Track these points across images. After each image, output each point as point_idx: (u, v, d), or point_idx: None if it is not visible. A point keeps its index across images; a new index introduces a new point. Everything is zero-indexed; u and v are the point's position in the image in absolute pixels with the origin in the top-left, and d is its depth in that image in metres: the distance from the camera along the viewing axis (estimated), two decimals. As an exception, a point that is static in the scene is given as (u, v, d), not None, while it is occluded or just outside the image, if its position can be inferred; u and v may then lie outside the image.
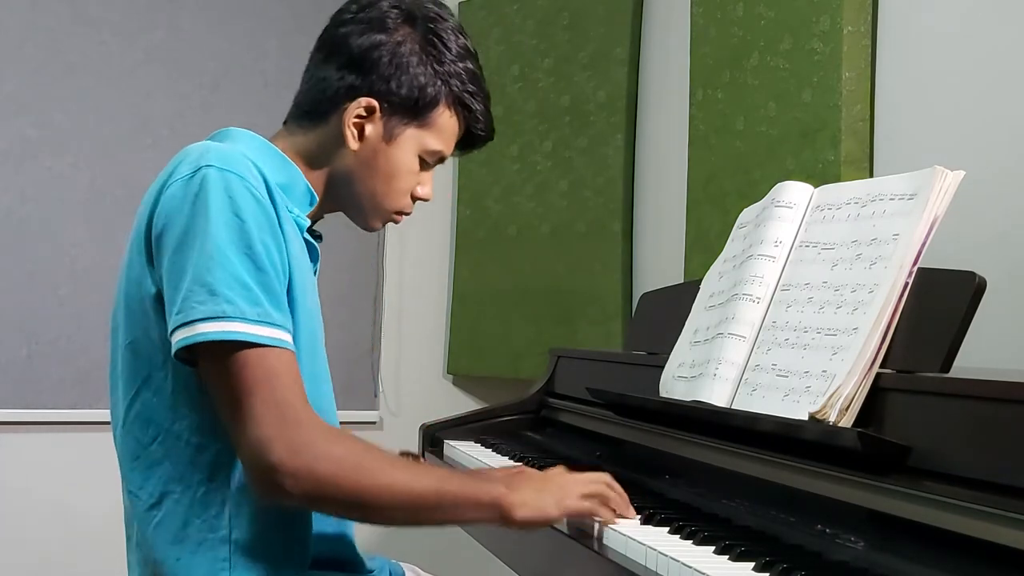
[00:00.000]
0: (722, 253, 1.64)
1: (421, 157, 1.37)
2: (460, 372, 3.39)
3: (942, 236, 1.25)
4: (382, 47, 1.32)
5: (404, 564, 1.51)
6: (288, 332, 1.17)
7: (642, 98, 2.94)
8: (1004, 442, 0.98)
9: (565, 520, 1.32)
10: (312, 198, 1.34)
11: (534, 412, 2.18)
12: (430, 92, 1.33)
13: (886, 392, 1.17)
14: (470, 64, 1.37)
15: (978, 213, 1.73)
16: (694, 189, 2.55)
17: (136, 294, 1.23)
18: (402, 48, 1.32)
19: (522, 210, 3.17)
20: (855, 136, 2.06)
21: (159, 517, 1.21)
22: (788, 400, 1.29)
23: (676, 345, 1.63)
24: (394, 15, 1.34)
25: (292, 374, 1.16)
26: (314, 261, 1.34)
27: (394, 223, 1.42)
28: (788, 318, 1.38)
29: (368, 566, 1.39)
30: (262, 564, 1.21)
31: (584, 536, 1.29)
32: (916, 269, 1.22)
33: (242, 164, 1.19)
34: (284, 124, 1.39)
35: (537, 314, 3.11)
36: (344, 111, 1.32)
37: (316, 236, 1.36)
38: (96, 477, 2.49)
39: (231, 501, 1.20)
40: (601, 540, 1.27)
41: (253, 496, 1.19)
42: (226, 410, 1.15)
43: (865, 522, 1.13)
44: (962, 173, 1.25)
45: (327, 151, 1.35)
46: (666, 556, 1.13)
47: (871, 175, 2.04)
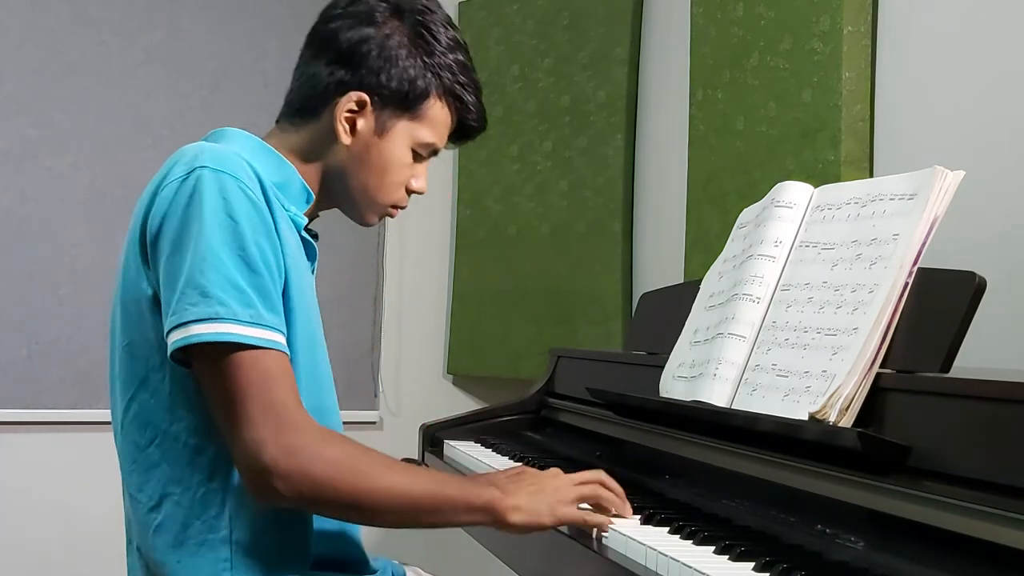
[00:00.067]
0: (722, 253, 1.64)
1: (414, 150, 1.37)
2: (460, 372, 3.39)
3: (942, 236, 1.25)
4: (371, 41, 1.32)
5: (406, 566, 1.51)
6: (282, 334, 1.17)
7: (642, 98, 2.94)
8: (1004, 442, 0.98)
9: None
10: (308, 196, 1.34)
11: (534, 412, 2.18)
12: (420, 84, 1.34)
13: (886, 392, 1.17)
14: (460, 56, 1.37)
15: (978, 213, 1.73)
16: (694, 189, 2.55)
17: (133, 296, 1.23)
18: (391, 41, 1.32)
19: (522, 210, 3.17)
20: (855, 136, 2.06)
21: (159, 519, 1.21)
22: (788, 400, 1.29)
23: (676, 345, 1.63)
24: (382, 9, 1.34)
25: (287, 376, 1.16)
26: (312, 260, 1.34)
27: (390, 216, 1.43)
28: (788, 318, 1.38)
29: (372, 566, 1.39)
30: (263, 564, 1.21)
31: (584, 536, 1.29)
32: (916, 269, 1.22)
33: (237, 165, 1.19)
34: (276, 123, 1.39)
35: (537, 314, 3.11)
36: (335, 106, 1.32)
37: (312, 235, 1.36)
38: (96, 477, 2.49)
39: (231, 501, 1.20)
40: (601, 540, 1.27)
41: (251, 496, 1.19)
42: (220, 412, 1.15)
43: (865, 522, 1.13)
44: (962, 173, 1.25)
45: (320, 147, 1.35)
46: (666, 556, 1.13)
47: (871, 175, 2.04)
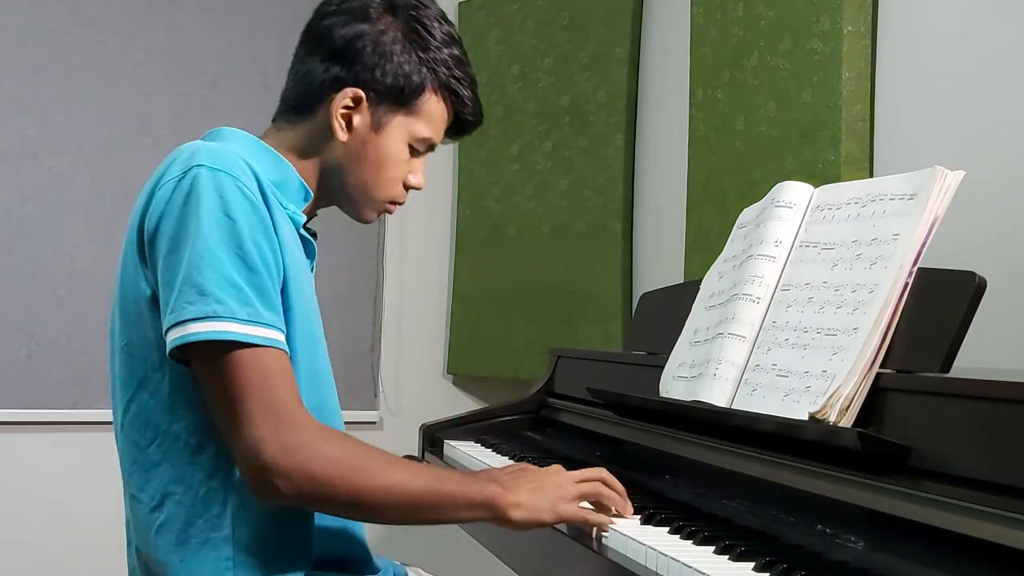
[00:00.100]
0: (722, 253, 1.64)
1: (411, 145, 1.37)
2: (460, 372, 3.39)
3: (942, 236, 1.25)
4: (365, 37, 1.32)
5: (408, 566, 1.51)
6: (281, 332, 1.17)
7: (642, 98, 2.94)
8: (1004, 442, 0.98)
9: (564, 520, 1.32)
10: (307, 193, 1.34)
11: (534, 412, 2.18)
12: (415, 79, 1.34)
13: (886, 392, 1.17)
14: (455, 50, 1.38)
15: (978, 213, 1.73)
16: (694, 189, 2.55)
17: (131, 295, 1.23)
18: (385, 37, 1.33)
19: (522, 210, 3.17)
20: (855, 136, 2.06)
21: (161, 519, 1.21)
22: (788, 400, 1.29)
23: (676, 345, 1.63)
24: (376, 5, 1.34)
25: (286, 374, 1.16)
26: (311, 258, 1.34)
27: (388, 213, 1.43)
28: (788, 318, 1.38)
29: (376, 565, 1.39)
30: (265, 563, 1.21)
31: (584, 536, 1.29)
32: (916, 269, 1.22)
33: (234, 163, 1.19)
34: (273, 121, 1.39)
35: (537, 314, 3.11)
36: (331, 103, 1.32)
37: (311, 234, 1.36)
38: (96, 477, 2.49)
39: (232, 500, 1.20)
40: (601, 540, 1.27)
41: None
42: (219, 411, 1.15)
43: (865, 522, 1.13)
44: (962, 173, 1.25)
45: (317, 144, 1.35)
46: (666, 556, 1.13)
47: (871, 175, 2.04)
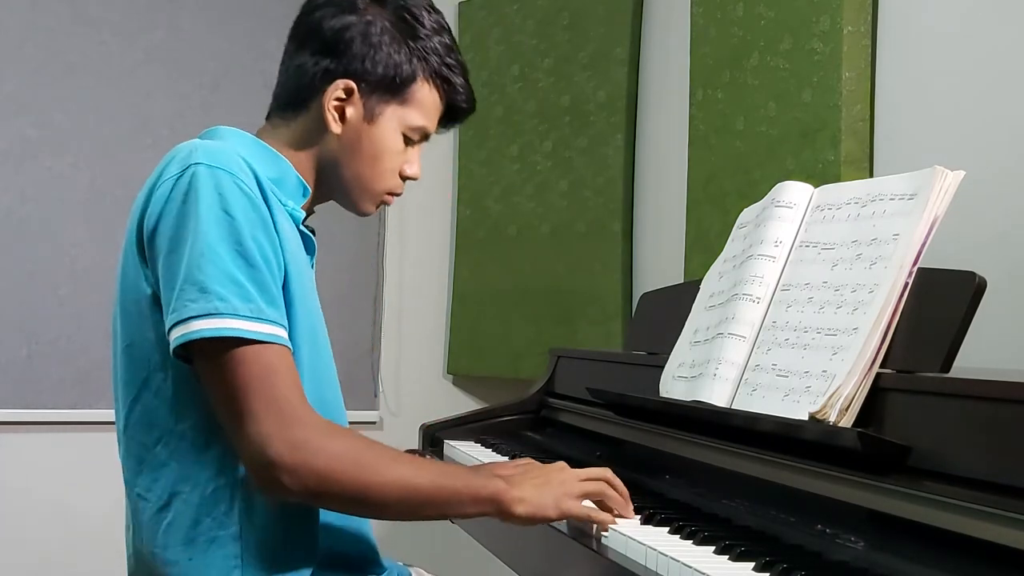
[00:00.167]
0: (722, 253, 1.64)
1: (405, 135, 1.37)
2: (460, 372, 3.39)
3: (942, 236, 1.25)
4: (353, 28, 1.32)
5: (410, 567, 1.51)
6: (283, 328, 1.17)
7: (642, 98, 2.94)
8: (1004, 442, 0.98)
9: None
10: (305, 189, 1.34)
11: (534, 412, 2.18)
12: (406, 68, 1.34)
13: (886, 392, 1.17)
14: (445, 38, 1.38)
15: (978, 213, 1.73)
16: (694, 189, 2.55)
17: (132, 295, 1.23)
18: (373, 27, 1.33)
19: (522, 210, 3.17)
20: (855, 136, 2.06)
21: (169, 518, 1.21)
22: (788, 400, 1.29)
23: (676, 345, 1.63)
24: None
25: (289, 370, 1.16)
26: (311, 254, 1.34)
27: (385, 204, 1.42)
28: (788, 318, 1.38)
29: (384, 564, 1.39)
30: (272, 560, 1.22)
31: (584, 536, 1.29)
32: (916, 269, 1.22)
33: (232, 161, 1.19)
34: (267, 119, 1.40)
35: (537, 314, 3.11)
36: (323, 96, 1.32)
37: (310, 230, 1.36)
38: (96, 477, 2.49)
39: (240, 497, 1.20)
40: (601, 540, 1.27)
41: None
42: (223, 408, 1.15)
43: (865, 522, 1.13)
44: (962, 173, 1.25)
45: (311, 139, 1.35)
46: (666, 556, 1.13)
47: (871, 175, 2.04)
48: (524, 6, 3.19)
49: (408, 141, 1.38)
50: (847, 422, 1.18)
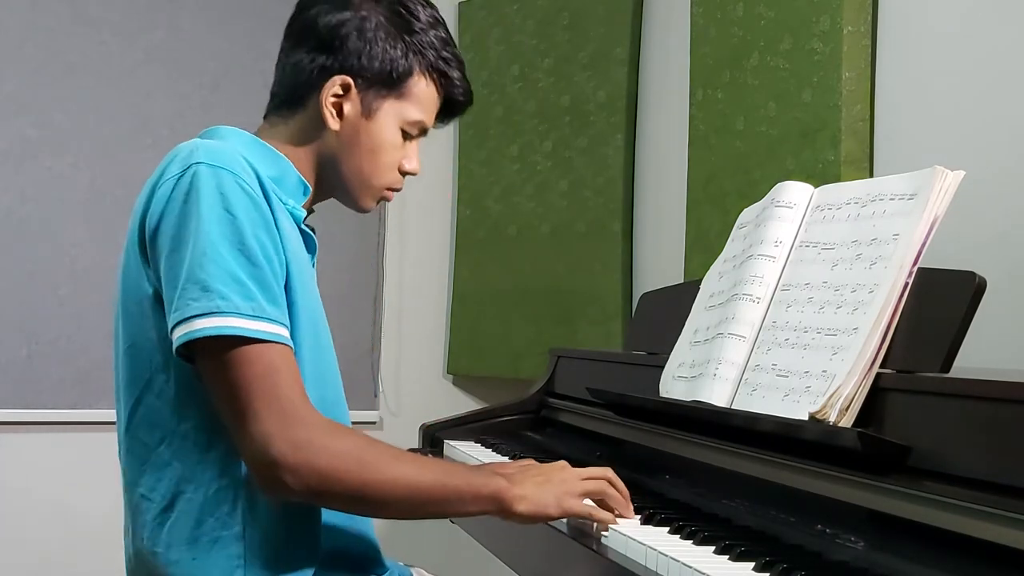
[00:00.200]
0: (722, 253, 1.64)
1: (403, 129, 1.37)
2: (460, 372, 3.39)
3: (942, 236, 1.25)
4: (348, 23, 1.32)
5: (411, 567, 1.51)
6: (285, 327, 1.17)
7: (642, 98, 2.94)
8: (1004, 442, 0.98)
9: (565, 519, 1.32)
10: (305, 188, 1.34)
11: (534, 412, 2.18)
12: (403, 63, 1.34)
13: (886, 392, 1.17)
14: (440, 32, 1.38)
15: (978, 213, 1.73)
16: (694, 189, 2.55)
17: (134, 295, 1.23)
18: (368, 23, 1.33)
19: (522, 210, 3.17)
20: (855, 136, 2.06)
21: (173, 518, 1.21)
22: (788, 400, 1.29)
23: (676, 345, 1.63)
24: None
25: (291, 370, 1.16)
26: (311, 252, 1.34)
27: (386, 200, 1.42)
28: (788, 318, 1.38)
29: (386, 564, 1.39)
30: (274, 559, 1.21)
31: (584, 536, 1.29)
32: (916, 269, 1.22)
33: (233, 160, 1.19)
34: (265, 118, 1.40)
35: (537, 314, 3.11)
36: (320, 93, 1.32)
37: (310, 229, 1.36)
38: (96, 477, 2.49)
39: (243, 497, 1.20)
40: (601, 540, 1.27)
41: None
42: (225, 407, 1.15)
43: (865, 522, 1.13)
44: (962, 173, 1.25)
45: (309, 136, 1.35)
46: (666, 556, 1.13)
47: (871, 175, 2.04)
48: (524, 6, 3.19)
49: (406, 136, 1.38)
50: (847, 422, 1.18)
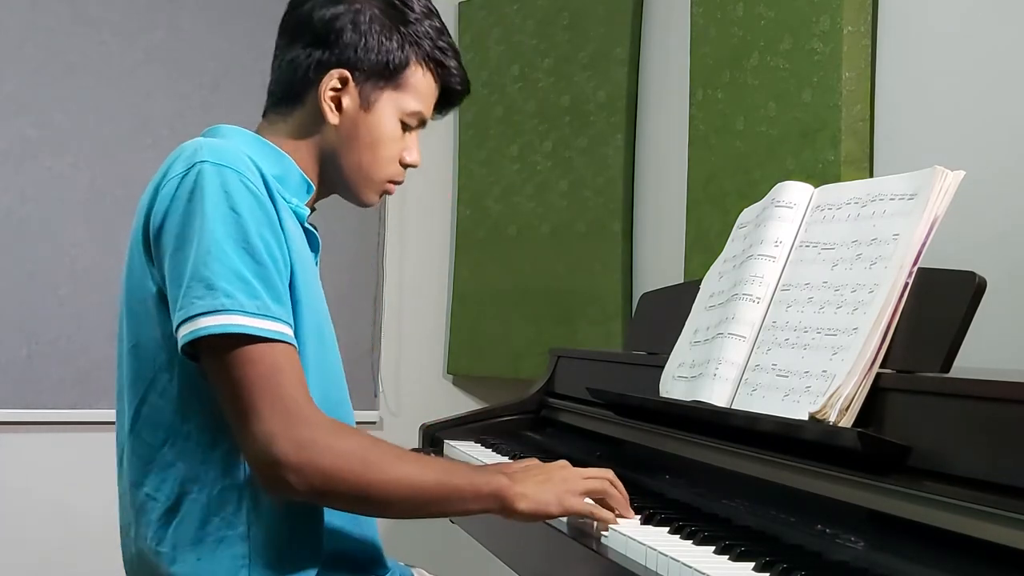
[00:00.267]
0: (722, 253, 1.64)
1: (402, 121, 1.37)
2: (460, 372, 3.39)
3: (942, 236, 1.25)
4: (343, 17, 1.32)
5: (412, 567, 1.51)
6: (289, 326, 1.17)
7: (642, 98, 2.94)
8: (1004, 442, 0.98)
9: (565, 518, 1.32)
10: (308, 186, 1.34)
11: (534, 412, 2.18)
12: (399, 54, 1.34)
13: (886, 392, 1.17)
14: (435, 22, 1.38)
15: (978, 213, 1.73)
16: (694, 189, 2.55)
17: (138, 294, 1.23)
18: (362, 15, 1.33)
19: (522, 210, 3.17)
20: (855, 136, 2.06)
21: (178, 518, 1.21)
22: (788, 400, 1.29)
23: (676, 345, 1.63)
24: None
25: (295, 369, 1.16)
26: (315, 251, 1.34)
27: (388, 194, 1.42)
28: (788, 318, 1.38)
29: (388, 565, 1.39)
30: (279, 559, 1.21)
31: (584, 536, 1.29)
32: (916, 269, 1.22)
33: (237, 159, 1.19)
34: (263, 116, 1.39)
35: (537, 314, 3.11)
36: (318, 87, 1.32)
37: (312, 227, 1.36)
38: (96, 477, 2.48)
39: (247, 497, 1.20)
40: (601, 540, 1.27)
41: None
42: (229, 406, 1.15)
43: (865, 522, 1.13)
44: (962, 173, 1.25)
45: (309, 132, 1.35)
46: (666, 556, 1.13)
47: (871, 175, 2.03)
48: (524, 6, 3.19)
49: (405, 127, 1.38)
50: (847, 422, 1.18)
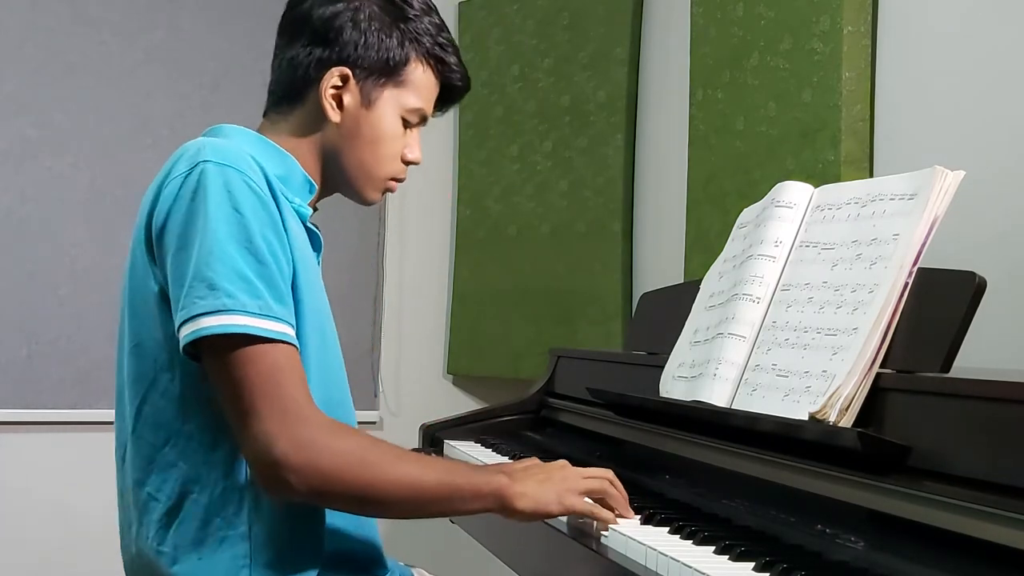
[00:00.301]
0: (722, 253, 1.64)
1: (404, 118, 1.37)
2: (460, 372, 3.39)
3: (942, 236, 1.25)
4: (342, 14, 1.33)
5: (412, 567, 1.51)
6: (291, 326, 1.17)
7: (642, 98, 2.94)
8: (1004, 442, 0.98)
9: (565, 518, 1.32)
10: (311, 186, 1.34)
11: (534, 412, 2.18)
12: (400, 51, 1.34)
13: (886, 392, 1.17)
14: (435, 18, 1.39)
15: (978, 213, 1.73)
16: (694, 189, 2.55)
17: (140, 293, 1.23)
18: (361, 13, 1.33)
19: (522, 210, 3.17)
20: (855, 136, 2.06)
21: (179, 518, 1.21)
22: (788, 400, 1.29)
23: (676, 345, 1.63)
24: None
25: (295, 369, 1.16)
26: (317, 251, 1.34)
27: (390, 192, 1.42)
28: (788, 318, 1.38)
29: (388, 565, 1.39)
30: (280, 559, 1.21)
31: (584, 536, 1.29)
32: (916, 269, 1.22)
33: (240, 158, 1.19)
34: (264, 116, 1.39)
35: (537, 314, 3.11)
36: (319, 85, 1.32)
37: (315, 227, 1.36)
38: (96, 477, 2.48)
39: (249, 497, 1.20)
40: (601, 540, 1.27)
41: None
42: (229, 406, 1.15)
43: (865, 522, 1.13)
44: (962, 173, 1.25)
45: (311, 130, 1.35)
46: (666, 556, 1.13)
47: (871, 175, 2.04)
48: (524, 6, 3.19)
49: (407, 124, 1.38)
50: (847, 422, 1.18)
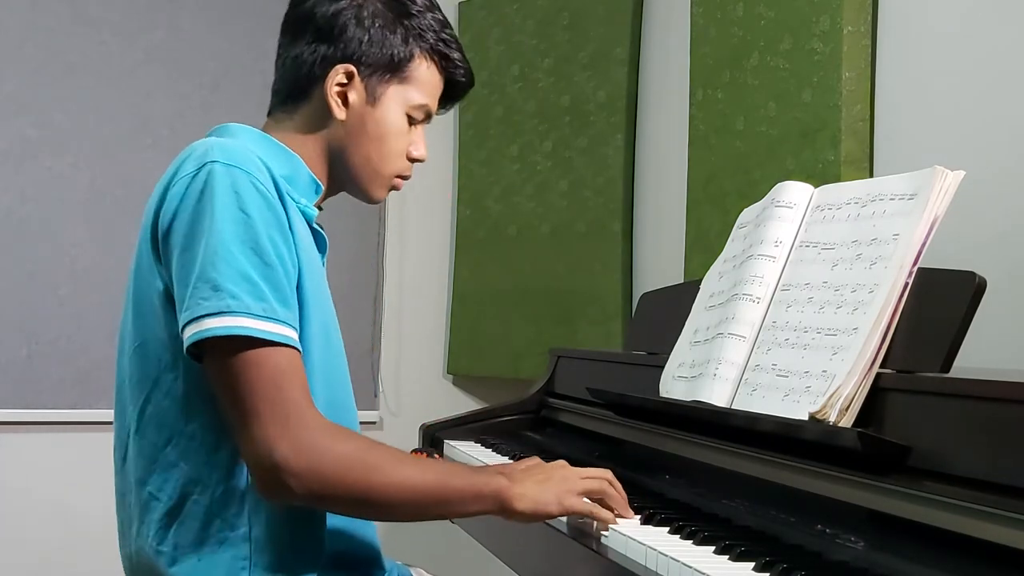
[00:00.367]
0: (722, 253, 1.64)
1: (408, 114, 1.37)
2: (460, 372, 3.39)
3: (942, 236, 1.25)
4: (346, 12, 1.33)
5: (411, 567, 1.51)
6: (294, 329, 1.17)
7: (642, 98, 2.94)
8: (1004, 442, 0.98)
9: (565, 518, 1.32)
10: (317, 186, 1.34)
11: (534, 412, 2.18)
12: (404, 47, 1.35)
13: (886, 392, 1.17)
14: (438, 14, 1.39)
15: (978, 213, 1.73)
16: (694, 189, 2.55)
17: (145, 292, 1.22)
18: (365, 10, 1.33)
19: (522, 210, 3.17)
20: (855, 136, 2.06)
21: (180, 518, 1.21)
22: (788, 400, 1.29)
23: (676, 345, 1.63)
24: None
25: (297, 373, 1.16)
26: (322, 251, 1.34)
27: (395, 189, 1.42)
28: (788, 318, 1.38)
29: (386, 565, 1.39)
30: (280, 561, 1.21)
31: (584, 536, 1.29)
32: (916, 269, 1.22)
33: (248, 159, 1.19)
34: (269, 115, 1.39)
35: (537, 314, 3.11)
36: (324, 83, 1.33)
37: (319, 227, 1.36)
38: (96, 477, 2.48)
39: (249, 499, 1.20)
40: (601, 540, 1.27)
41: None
42: (230, 409, 1.15)
43: (865, 522, 1.13)
44: (962, 173, 1.25)
45: (316, 128, 1.35)
46: (666, 556, 1.13)
47: (871, 175, 2.04)
48: (524, 6, 3.19)
49: (412, 121, 1.38)
50: (847, 422, 1.18)
